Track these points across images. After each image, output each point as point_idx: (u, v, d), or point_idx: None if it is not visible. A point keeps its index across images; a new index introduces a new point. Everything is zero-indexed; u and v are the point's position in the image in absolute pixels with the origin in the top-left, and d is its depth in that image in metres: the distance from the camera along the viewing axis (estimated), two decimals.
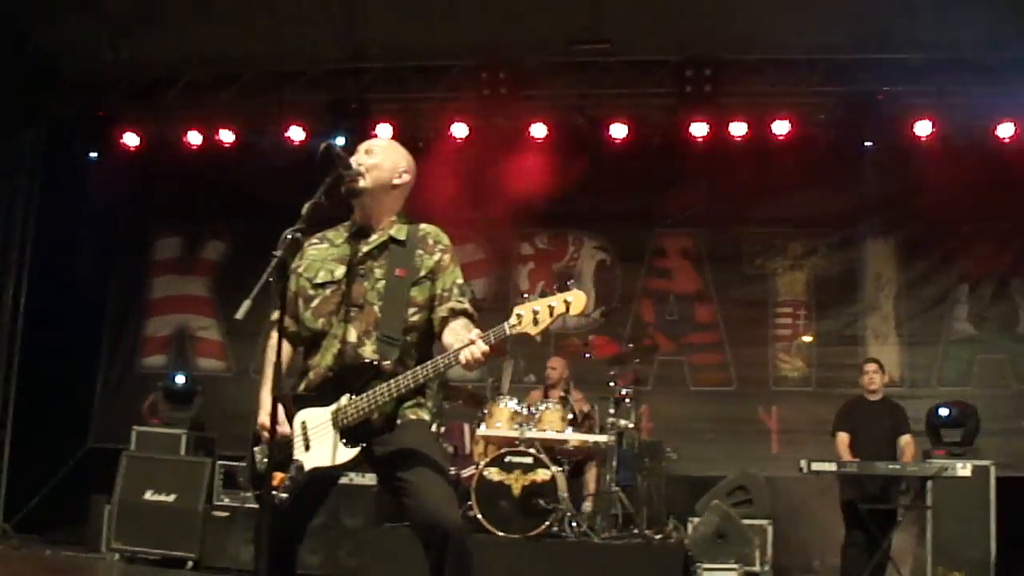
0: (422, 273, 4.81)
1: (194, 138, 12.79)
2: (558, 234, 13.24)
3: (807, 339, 12.73)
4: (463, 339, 4.52)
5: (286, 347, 4.67)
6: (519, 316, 4.43)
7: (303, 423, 4.66)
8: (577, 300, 4.46)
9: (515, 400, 9.94)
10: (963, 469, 9.08)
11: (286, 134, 12.47)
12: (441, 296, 4.81)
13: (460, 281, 4.88)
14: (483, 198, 12.62)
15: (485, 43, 11.72)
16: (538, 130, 12.23)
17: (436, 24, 11.46)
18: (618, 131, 12.14)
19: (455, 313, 4.77)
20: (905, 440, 10.11)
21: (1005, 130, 11.78)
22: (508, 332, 4.45)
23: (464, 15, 11.28)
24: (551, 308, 4.43)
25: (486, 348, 4.44)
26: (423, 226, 4.94)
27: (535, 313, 4.42)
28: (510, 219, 12.89)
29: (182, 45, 12.00)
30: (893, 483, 9.66)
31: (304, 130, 12.41)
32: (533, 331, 4.44)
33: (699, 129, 11.99)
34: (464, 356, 4.44)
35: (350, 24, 11.57)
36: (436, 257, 4.85)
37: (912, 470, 9.44)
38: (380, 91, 12.44)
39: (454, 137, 12.38)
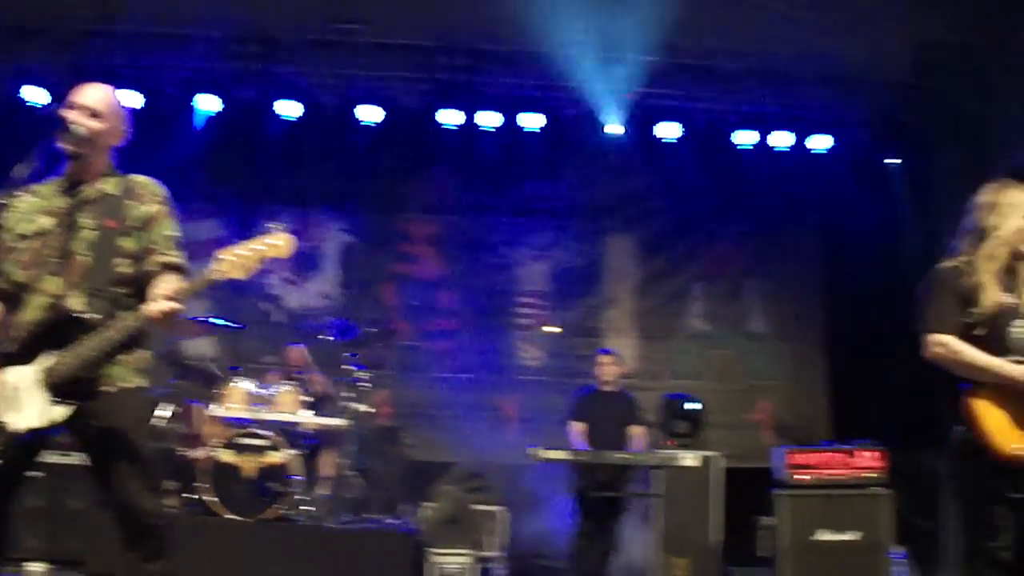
0: (134, 224, 4.65)
1: None
2: (303, 214, 13.00)
3: (550, 329, 12.91)
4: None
5: None
6: (223, 261, 4.36)
7: (8, 383, 4.43)
8: (284, 242, 4.41)
9: (251, 380, 9.76)
10: (691, 459, 9.33)
11: (22, 95, 11.88)
12: (151, 248, 4.67)
13: (173, 234, 4.75)
14: (227, 173, 12.37)
15: (239, 14, 11.40)
16: (288, 107, 12.00)
17: None
18: (370, 113, 12.03)
19: (164, 267, 4.65)
20: (636, 430, 10.36)
21: (745, 137, 12.21)
22: (213, 279, 4.37)
23: None
24: (257, 251, 4.37)
25: (175, 306, 4.38)
26: (136, 177, 4.79)
27: (241, 257, 4.36)
28: (254, 197, 12.64)
29: None
30: (623, 472, 9.87)
31: (44, 92, 11.83)
32: (241, 275, 4.38)
33: (451, 116, 12.01)
34: (152, 309, 4.34)
35: None
36: (148, 208, 4.70)
37: (641, 459, 9.66)
38: (127, 55, 11.96)
39: (199, 109, 12.05)
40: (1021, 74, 11.09)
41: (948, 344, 5.00)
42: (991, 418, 4.89)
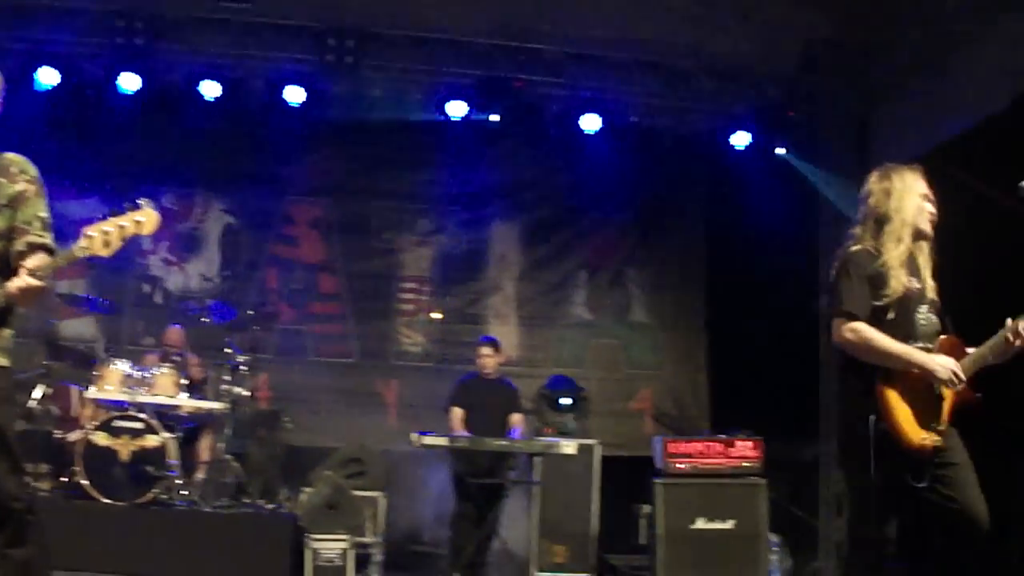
0: (2, 202, 4.56)
1: None
2: (185, 194, 12.77)
3: (436, 316, 12.89)
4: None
5: None
6: (89, 238, 4.31)
7: None
8: (149, 219, 4.37)
9: (128, 362, 9.62)
10: (569, 447, 9.41)
11: None
12: (20, 228, 4.58)
13: (43, 215, 4.65)
14: (109, 151, 12.11)
15: None
16: (172, 85, 11.78)
17: None
18: (255, 93, 11.87)
19: (33, 247, 4.56)
20: (516, 418, 10.39)
21: (628, 127, 12.27)
22: (77, 255, 4.32)
23: None
24: (122, 228, 4.33)
25: (37, 283, 4.33)
26: (7, 155, 4.68)
27: (106, 234, 4.31)
28: (136, 175, 12.36)
29: None
30: (502, 459, 9.90)
31: None
32: (105, 252, 4.33)
33: (337, 98, 11.90)
34: (13, 286, 4.28)
35: None
36: (19, 187, 4.60)
37: (520, 446, 9.70)
38: (4, 27, 11.62)
39: (83, 84, 11.77)
40: (903, 73, 11.35)
41: (859, 330, 4.96)
42: (899, 409, 4.92)
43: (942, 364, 4.92)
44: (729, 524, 9.75)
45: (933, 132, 10.86)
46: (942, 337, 5.13)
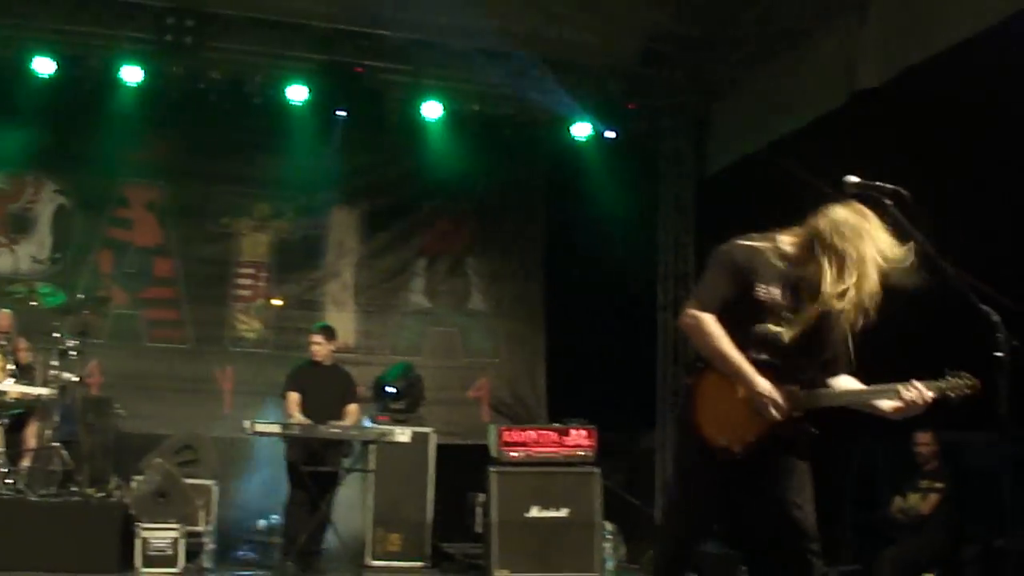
0: None
1: None
2: (17, 173, 12.43)
3: (276, 302, 12.79)
4: None
5: None
6: None
7: None
8: None
9: None
10: (403, 435, 9.45)
11: None
12: None
13: None
14: None
15: None
16: (3, 60, 11.45)
17: None
18: (90, 72, 11.61)
19: None
20: (351, 408, 10.34)
21: (469, 115, 12.34)
22: None
23: None
24: None
25: None
26: None
27: None
28: None
29: None
30: (337, 446, 9.85)
31: None
32: None
33: (175, 80, 11.71)
34: None
35: None
36: None
37: (354, 434, 9.71)
38: None
39: None
40: (741, 69, 11.64)
41: (700, 320, 4.72)
42: (711, 406, 4.77)
43: (762, 390, 4.63)
44: (563, 512, 9.88)
45: (770, 128, 11.16)
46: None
